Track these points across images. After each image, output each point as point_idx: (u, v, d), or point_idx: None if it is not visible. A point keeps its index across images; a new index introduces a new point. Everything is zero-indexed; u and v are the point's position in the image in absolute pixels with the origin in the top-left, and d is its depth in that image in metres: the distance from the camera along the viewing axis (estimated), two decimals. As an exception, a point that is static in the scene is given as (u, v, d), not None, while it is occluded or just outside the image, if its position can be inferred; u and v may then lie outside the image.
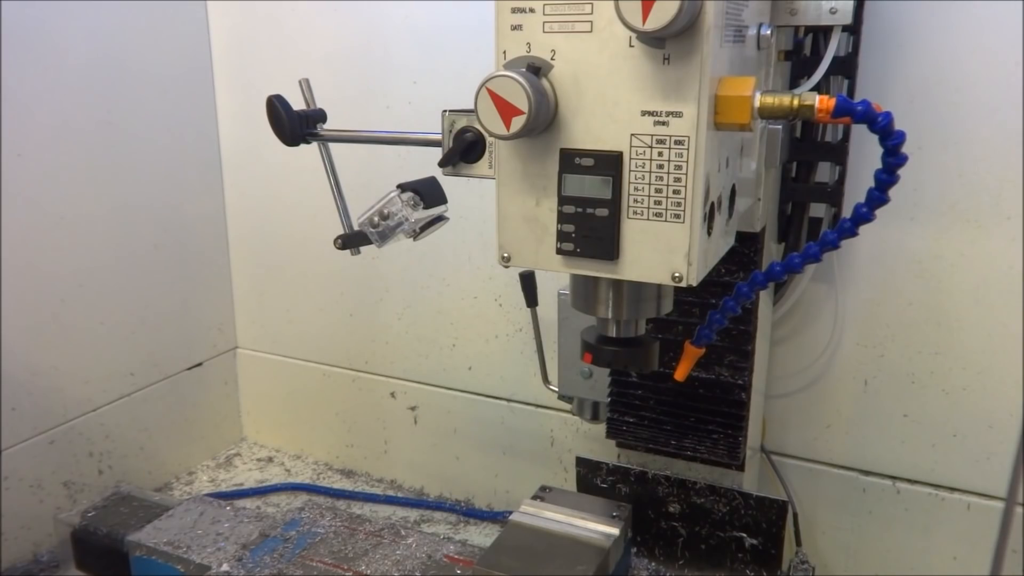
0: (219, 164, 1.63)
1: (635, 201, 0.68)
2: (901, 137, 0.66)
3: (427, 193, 0.90)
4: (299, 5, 1.45)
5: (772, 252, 1.10)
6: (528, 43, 0.69)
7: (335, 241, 0.90)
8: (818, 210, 1.12)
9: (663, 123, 0.66)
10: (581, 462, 1.17)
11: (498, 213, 0.74)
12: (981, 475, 1.16)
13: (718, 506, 1.09)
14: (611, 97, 0.67)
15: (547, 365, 1.23)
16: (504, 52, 0.70)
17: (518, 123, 0.66)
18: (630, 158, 0.67)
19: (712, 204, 0.71)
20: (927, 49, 1.06)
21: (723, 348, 1.02)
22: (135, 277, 1.47)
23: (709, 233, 0.71)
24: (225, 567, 1.14)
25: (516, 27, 0.69)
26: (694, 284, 0.69)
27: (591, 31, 0.66)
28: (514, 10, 0.68)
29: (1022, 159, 1.04)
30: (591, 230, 0.69)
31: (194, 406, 1.65)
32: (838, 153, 1.07)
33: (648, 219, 0.68)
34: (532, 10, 0.68)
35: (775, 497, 1.06)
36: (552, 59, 0.68)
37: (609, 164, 0.67)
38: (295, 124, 0.94)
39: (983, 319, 1.11)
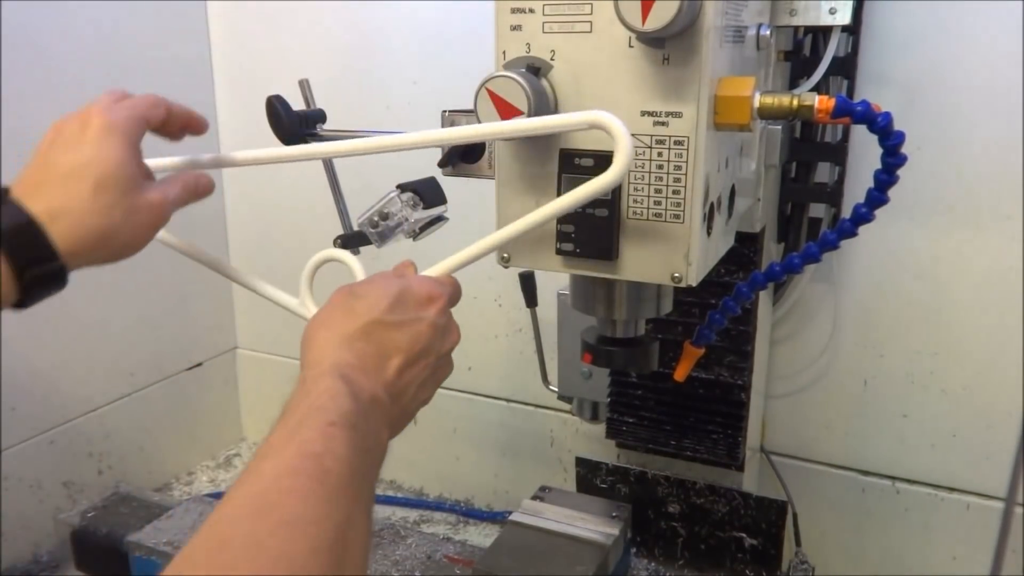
0: (219, 164, 1.63)
1: (634, 201, 0.68)
2: (900, 137, 0.66)
3: (427, 193, 0.90)
4: (299, 5, 1.45)
5: (772, 252, 1.10)
6: (528, 43, 0.69)
7: (335, 241, 0.90)
8: (818, 210, 1.12)
9: (663, 123, 0.66)
10: (581, 462, 1.17)
11: (498, 213, 0.74)
12: (981, 475, 1.16)
13: (718, 506, 1.09)
14: (610, 97, 0.67)
15: (547, 365, 1.23)
16: (504, 52, 0.70)
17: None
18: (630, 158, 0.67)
19: (712, 204, 0.71)
20: (927, 49, 1.06)
21: (723, 348, 1.02)
22: (135, 277, 1.47)
23: (709, 233, 0.71)
24: (225, 567, 1.14)
25: (516, 27, 0.69)
26: (694, 284, 0.69)
27: (591, 31, 0.66)
28: (514, 10, 0.68)
29: (1022, 159, 1.04)
30: (590, 230, 0.69)
31: (194, 406, 1.65)
32: (838, 153, 1.07)
33: (647, 219, 0.68)
34: (532, 10, 0.68)
35: (775, 497, 1.06)
36: (552, 59, 0.68)
37: (609, 164, 0.67)
38: (295, 124, 0.94)
39: (982, 319, 1.11)
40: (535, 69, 0.68)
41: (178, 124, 0.66)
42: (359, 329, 0.59)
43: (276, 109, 0.92)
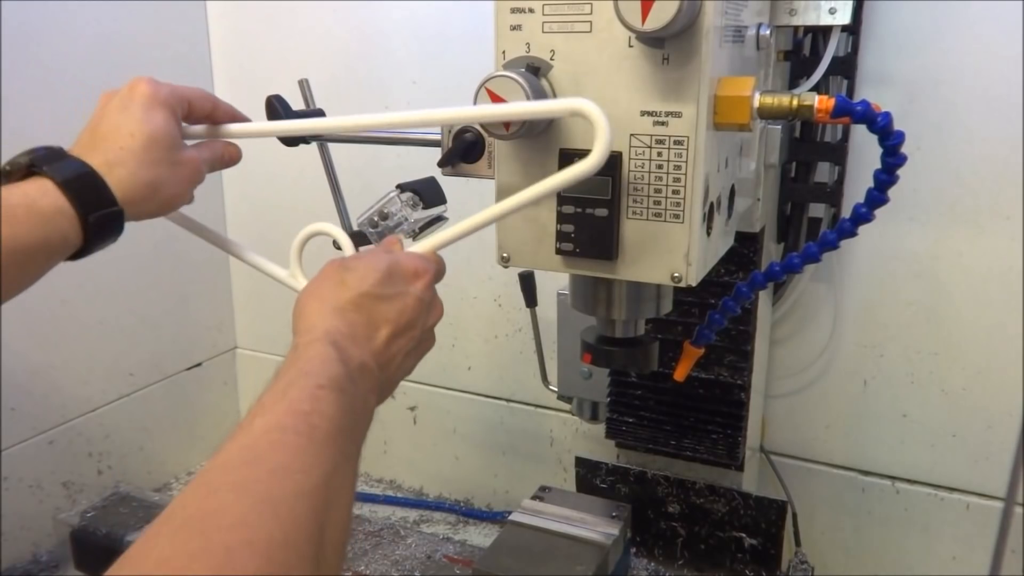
0: (219, 164, 1.63)
1: (634, 201, 0.68)
2: (900, 137, 0.66)
3: (426, 193, 0.90)
4: (299, 5, 1.45)
5: (771, 252, 1.10)
6: (527, 43, 0.69)
7: (335, 242, 0.90)
8: (817, 210, 1.12)
9: (662, 123, 0.66)
10: (580, 462, 1.17)
11: (497, 213, 0.74)
12: (980, 475, 1.16)
13: (717, 506, 1.09)
14: (610, 97, 0.67)
15: (546, 365, 1.23)
16: (503, 52, 0.70)
17: (517, 123, 0.66)
18: (629, 158, 0.67)
19: (711, 204, 0.71)
20: (927, 49, 1.06)
21: (722, 348, 1.02)
22: (134, 277, 1.47)
23: (708, 233, 0.71)
24: (224, 567, 1.14)
25: (515, 27, 0.69)
26: (693, 284, 0.69)
27: (590, 31, 0.66)
28: (513, 10, 0.68)
29: (1021, 159, 1.04)
30: (590, 230, 0.70)
31: (194, 406, 1.65)
32: (837, 153, 1.07)
33: (647, 219, 0.68)
34: (531, 10, 0.68)
35: (774, 497, 1.06)
36: (551, 59, 0.68)
37: (608, 164, 0.67)
38: (294, 124, 0.94)
39: (982, 319, 1.11)
40: (535, 69, 0.68)
41: (224, 119, 0.76)
42: (350, 300, 0.62)
43: (276, 109, 0.92)
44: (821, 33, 1.01)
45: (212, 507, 0.42)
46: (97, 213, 0.62)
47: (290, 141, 0.96)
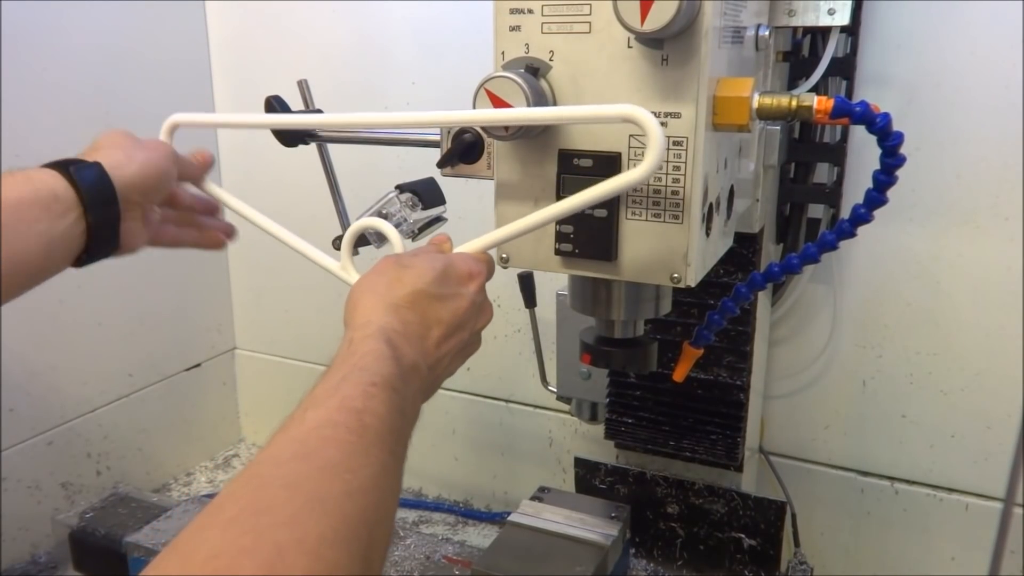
0: (218, 164, 1.62)
1: (633, 202, 0.68)
2: (899, 138, 0.66)
3: (425, 194, 0.90)
4: (298, 5, 1.45)
5: (770, 253, 1.10)
6: (527, 44, 0.69)
7: (333, 242, 0.90)
8: (816, 211, 1.12)
9: (662, 124, 0.66)
10: (579, 463, 1.17)
11: (496, 214, 0.74)
12: (979, 476, 1.16)
13: (716, 507, 1.09)
14: (609, 98, 0.67)
15: (546, 366, 1.23)
16: (503, 53, 0.70)
17: (516, 124, 0.66)
18: (628, 159, 0.67)
19: (710, 205, 0.71)
20: (926, 50, 1.06)
21: (721, 349, 1.02)
22: (133, 278, 1.47)
23: (708, 234, 0.71)
24: (223, 568, 1.13)
25: (514, 28, 0.69)
26: (692, 285, 0.69)
27: (589, 32, 0.66)
28: (512, 11, 0.68)
29: (1021, 160, 1.04)
30: (589, 231, 0.70)
31: (192, 407, 1.65)
32: (836, 154, 1.07)
33: (646, 220, 0.68)
34: (531, 11, 0.68)
35: (773, 498, 1.06)
36: (551, 60, 0.68)
37: (608, 165, 0.67)
38: (293, 125, 0.94)
39: (981, 320, 1.12)
40: (534, 70, 0.68)
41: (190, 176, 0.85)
42: (405, 297, 0.62)
43: (275, 109, 0.92)
44: (820, 34, 1.01)
45: (263, 503, 0.42)
46: (78, 167, 0.69)
47: (289, 141, 0.96)
